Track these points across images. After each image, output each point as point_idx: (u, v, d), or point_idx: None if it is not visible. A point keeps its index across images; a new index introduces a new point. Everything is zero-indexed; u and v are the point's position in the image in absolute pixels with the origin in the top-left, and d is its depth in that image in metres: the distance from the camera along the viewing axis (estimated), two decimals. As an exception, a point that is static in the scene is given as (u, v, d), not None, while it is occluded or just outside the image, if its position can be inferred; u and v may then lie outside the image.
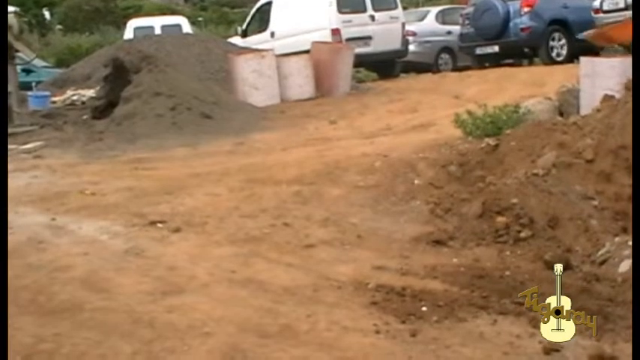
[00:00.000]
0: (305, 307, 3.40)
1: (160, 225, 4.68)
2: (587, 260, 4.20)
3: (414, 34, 16.83)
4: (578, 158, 5.01)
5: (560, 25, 14.37)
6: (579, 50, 11.91)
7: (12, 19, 9.79)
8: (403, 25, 15.45)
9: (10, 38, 9.44)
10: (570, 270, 3.99)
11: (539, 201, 4.64)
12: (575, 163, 4.97)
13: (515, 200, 4.65)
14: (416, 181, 5.36)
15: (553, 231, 4.45)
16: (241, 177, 5.97)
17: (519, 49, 14.91)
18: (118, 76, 10.70)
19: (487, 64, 14.98)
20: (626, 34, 9.48)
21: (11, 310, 3.29)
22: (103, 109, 10.58)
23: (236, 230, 4.59)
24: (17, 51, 9.74)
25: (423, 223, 4.75)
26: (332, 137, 8.10)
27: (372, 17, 14.90)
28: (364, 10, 14.84)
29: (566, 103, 7.08)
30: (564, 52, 14.30)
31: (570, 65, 12.16)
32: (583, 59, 7.47)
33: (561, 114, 6.85)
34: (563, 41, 14.33)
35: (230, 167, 6.50)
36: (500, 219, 4.54)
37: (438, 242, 4.44)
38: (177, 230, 4.58)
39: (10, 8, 10.74)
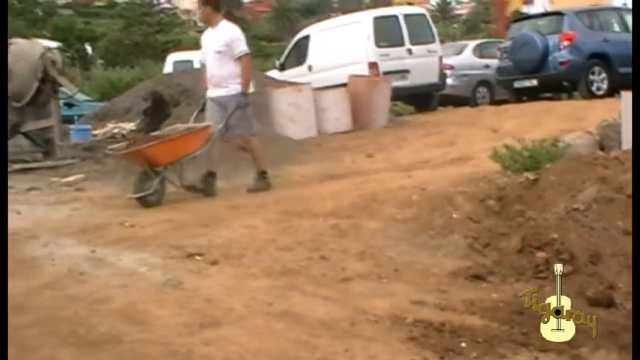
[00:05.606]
0: (342, 341, 3.37)
1: (197, 257, 4.70)
2: (630, 297, 4.11)
3: (451, 67, 16.84)
4: (619, 193, 4.94)
5: (600, 58, 14.20)
6: (620, 84, 11.80)
7: (56, 55, 10.02)
8: (441, 58, 15.44)
9: (53, 73, 9.64)
10: (613, 307, 3.92)
11: (579, 236, 4.57)
12: (617, 198, 4.90)
13: (555, 235, 4.58)
14: (454, 215, 5.31)
15: (595, 267, 4.36)
16: (278, 209, 5.98)
17: (558, 83, 14.75)
18: (158, 109, 10.86)
19: (525, 98, 14.83)
20: (173, 154, 6.69)
21: (52, 341, 3.33)
22: (143, 141, 10.71)
23: (272, 263, 4.59)
24: (60, 85, 9.91)
25: (461, 258, 4.70)
26: (369, 170, 8.09)
27: (410, 51, 14.93)
28: (402, 44, 14.86)
29: (607, 138, 6.99)
30: (604, 85, 14.10)
31: (610, 100, 12.02)
32: (624, 93, 7.38)
33: (602, 148, 6.77)
34: (604, 75, 14.14)
35: (267, 199, 6.52)
36: (540, 254, 4.48)
37: (477, 277, 4.39)
38: (214, 262, 4.60)
39: (54, 44, 11.00)
